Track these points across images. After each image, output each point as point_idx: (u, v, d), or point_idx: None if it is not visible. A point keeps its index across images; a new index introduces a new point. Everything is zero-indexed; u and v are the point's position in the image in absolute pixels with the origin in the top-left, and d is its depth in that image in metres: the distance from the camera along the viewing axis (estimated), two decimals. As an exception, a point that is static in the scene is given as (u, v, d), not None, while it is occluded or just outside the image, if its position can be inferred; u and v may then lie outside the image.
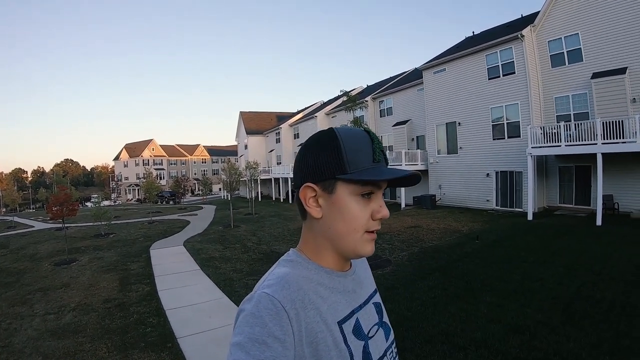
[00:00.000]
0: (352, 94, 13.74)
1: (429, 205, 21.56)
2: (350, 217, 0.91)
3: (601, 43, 15.65)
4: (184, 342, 6.10)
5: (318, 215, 0.93)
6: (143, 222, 24.32)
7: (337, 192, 0.91)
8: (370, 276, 1.17)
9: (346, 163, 0.89)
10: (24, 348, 6.37)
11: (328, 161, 0.91)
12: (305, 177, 0.94)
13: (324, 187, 0.92)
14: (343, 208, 0.91)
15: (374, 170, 0.92)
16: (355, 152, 0.91)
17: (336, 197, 0.91)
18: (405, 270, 9.49)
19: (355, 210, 0.91)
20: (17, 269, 12.61)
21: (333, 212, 0.92)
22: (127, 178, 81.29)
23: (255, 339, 0.75)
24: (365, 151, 0.92)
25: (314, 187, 0.92)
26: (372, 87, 35.46)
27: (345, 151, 0.90)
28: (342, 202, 0.91)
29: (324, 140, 0.94)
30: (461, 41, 25.74)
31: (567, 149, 14.94)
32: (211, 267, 10.98)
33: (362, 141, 0.94)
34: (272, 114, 53.12)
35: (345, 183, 0.90)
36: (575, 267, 8.47)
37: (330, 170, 0.90)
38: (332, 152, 0.91)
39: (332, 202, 0.91)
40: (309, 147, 0.96)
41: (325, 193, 0.92)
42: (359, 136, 0.94)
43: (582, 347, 4.84)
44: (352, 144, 0.92)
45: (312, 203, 0.93)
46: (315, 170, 0.92)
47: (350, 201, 0.91)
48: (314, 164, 0.93)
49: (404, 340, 5.51)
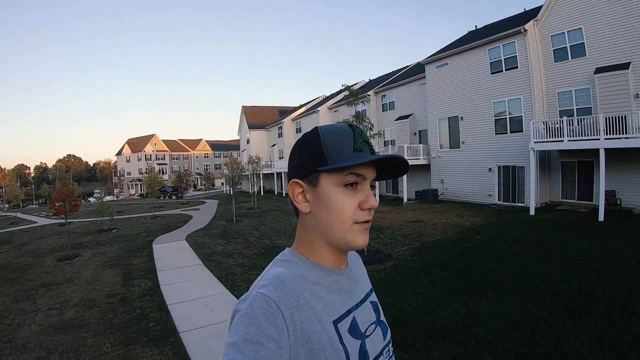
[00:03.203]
0: (354, 88, 13.67)
1: (431, 200, 21.56)
2: (335, 208, 0.92)
3: (604, 38, 15.54)
4: (186, 337, 6.14)
5: (306, 210, 0.95)
6: (145, 217, 24.36)
7: (320, 185, 0.93)
8: (365, 275, 1.17)
9: (327, 155, 0.92)
10: (27, 343, 6.42)
11: (310, 156, 0.94)
12: (292, 174, 0.98)
13: (309, 182, 0.94)
14: (328, 200, 0.92)
15: (354, 157, 0.93)
16: (336, 144, 0.93)
17: (321, 190, 0.93)
18: (407, 264, 9.51)
19: (339, 201, 0.92)
20: (20, 264, 12.67)
21: (319, 205, 0.93)
22: (129, 173, 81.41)
23: (250, 338, 0.76)
24: (346, 143, 0.94)
25: (300, 182, 0.95)
26: (374, 81, 35.33)
27: (326, 145, 0.93)
28: (327, 194, 0.92)
29: (307, 138, 0.97)
30: (464, 35, 25.61)
31: (570, 144, 14.89)
32: (213, 262, 11.01)
33: (343, 134, 0.96)
34: (274, 109, 52.97)
35: (328, 174, 0.92)
36: (576, 262, 8.47)
37: (312, 164, 0.93)
38: (313, 147, 0.94)
39: (317, 196, 0.93)
40: (296, 147, 1.00)
41: (311, 187, 0.94)
42: (341, 130, 0.97)
43: (582, 343, 4.85)
44: (332, 137, 0.94)
45: (301, 199, 0.96)
46: (300, 166, 0.96)
47: (335, 192, 0.92)
48: (298, 161, 0.97)
49: (405, 334, 5.54)
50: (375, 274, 8.89)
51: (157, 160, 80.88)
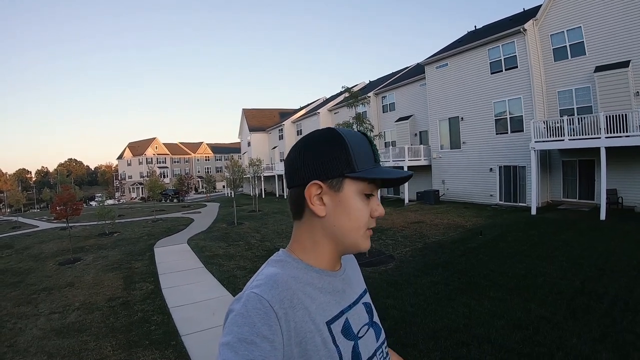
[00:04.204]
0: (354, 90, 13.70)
1: (432, 201, 21.55)
2: (355, 215, 0.92)
3: (604, 36, 15.53)
4: (188, 340, 6.14)
5: (323, 213, 0.93)
6: (147, 220, 24.38)
7: (344, 190, 0.92)
8: (359, 276, 1.16)
9: (354, 162, 0.91)
10: (29, 347, 6.42)
11: (336, 159, 0.91)
12: (309, 175, 0.93)
13: (331, 185, 0.92)
14: (350, 206, 0.92)
15: (378, 170, 0.95)
16: (360, 152, 0.93)
17: (343, 195, 0.92)
18: (409, 266, 9.50)
19: (361, 208, 0.93)
20: (22, 268, 12.68)
21: (339, 209, 0.92)
22: (130, 177, 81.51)
23: (244, 338, 0.75)
24: (367, 152, 0.95)
25: (320, 184, 0.92)
26: (374, 83, 35.36)
27: (353, 151, 0.92)
28: (350, 200, 0.92)
29: (328, 138, 0.94)
30: (463, 35, 25.62)
31: (571, 143, 14.88)
32: (215, 265, 11.02)
33: (363, 142, 0.96)
34: (275, 111, 53.00)
35: (353, 181, 0.92)
36: (578, 262, 8.46)
37: (339, 168, 0.91)
38: (340, 150, 0.92)
39: (338, 200, 0.92)
40: (309, 145, 0.95)
41: (332, 191, 0.92)
42: (360, 137, 0.97)
43: (585, 343, 4.84)
44: (356, 144, 0.94)
45: (317, 201, 0.93)
46: (322, 168, 0.92)
47: (357, 199, 0.93)
48: (319, 161, 0.92)
49: (407, 336, 5.53)
50: (377, 275, 8.89)
51: (158, 164, 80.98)
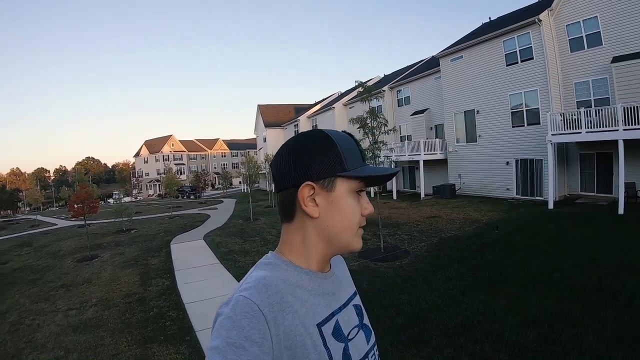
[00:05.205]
0: (368, 84, 13.58)
1: (448, 195, 21.40)
2: (348, 215, 0.93)
3: (621, 26, 15.16)
4: (203, 335, 6.26)
5: (316, 214, 0.93)
6: (164, 217, 24.69)
7: (336, 190, 0.93)
8: (349, 278, 1.15)
9: (344, 161, 0.92)
10: (46, 343, 6.61)
11: (327, 159, 0.92)
12: (300, 177, 0.93)
13: (324, 186, 0.92)
14: (342, 206, 0.93)
15: (368, 168, 0.97)
16: (349, 151, 0.95)
17: (336, 195, 0.93)
18: (424, 261, 9.50)
19: (353, 207, 0.94)
20: (40, 266, 12.98)
21: (331, 210, 0.93)
22: (147, 174, 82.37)
23: (232, 342, 0.75)
24: (355, 152, 0.97)
25: (313, 185, 0.92)
26: (389, 77, 35.12)
27: (343, 151, 0.93)
28: (342, 200, 0.93)
29: (317, 140, 0.95)
30: (478, 27, 25.28)
31: (588, 135, 14.61)
32: (230, 261, 11.13)
33: (350, 142, 0.98)
34: (290, 106, 52.93)
35: (344, 180, 0.93)
36: (596, 257, 8.35)
37: (331, 168, 0.92)
38: (330, 151, 0.93)
39: (331, 200, 0.92)
40: (298, 148, 0.96)
41: (324, 191, 0.93)
42: (347, 138, 0.99)
43: (601, 341, 4.81)
44: (344, 144, 0.95)
45: (310, 202, 0.93)
46: (314, 169, 0.92)
47: (349, 198, 0.94)
48: (311, 163, 0.93)
49: (421, 332, 5.55)
50: (392, 270, 8.90)
51: (175, 161, 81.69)
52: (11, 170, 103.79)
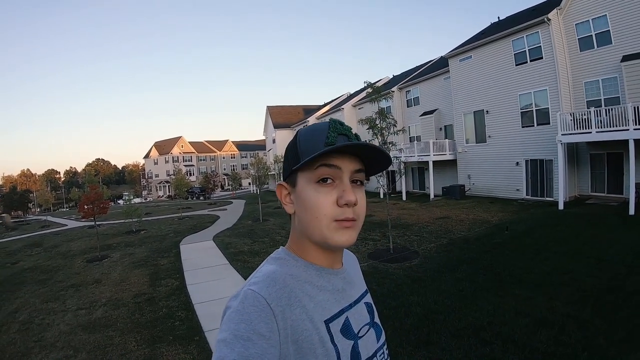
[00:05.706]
0: (377, 84, 13.62)
1: (457, 196, 21.34)
2: (309, 206, 0.92)
3: (630, 24, 15.01)
4: (211, 336, 6.32)
5: (291, 211, 0.99)
6: (173, 218, 24.87)
7: (298, 184, 0.95)
8: (360, 276, 1.18)
9: (300, 154, 0.94)
10: (56, 342, 6.72)
11: (291, 156, 0.98)
12: (282, 178, 1.03)
13: (290, 182, 0.98)
14: (304, 198, 0.94)
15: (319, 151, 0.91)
16: (309, 142, 0.94)
17: (298, 189, 0.95)
18: (433, 262, 9.49)
19: (312, 198, 0.92)
20: (50, 266, 13.15)
21: (299, 204, 0.96)
22: (157, 175, 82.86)
23: (240, 335, 0.76)
24: (320, 138, 0.94)
25: (284, 184, 1.00)
26: (398, 77, 35.06)
27: (300, 144, 0.96)
28: (303, 192, 0.94)
29: (289, 142, 1.02)
30: (486, 27, 25.15)
31: (598, 135, 14.50)
32: (240, 261, 11.19)
33: (319, 131, 0.96)
34: (299, 107, 53.00)
35: (302, 172, 0.94)
36: (606, 258, 8.31)
37: (290, 164, 0.97)
38: (291, 149, 0.99)
39: (297, 195, 0.96)
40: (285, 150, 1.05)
41: (292, 188, 0.98)
42: (318, 128, 0.97)
43: (611, 343, 4.80)
44: (306, 136, 0.97)
45: (287, 200, 1.00)
46: (283, 169, 1.02)
47: (309, 189, 0.93)
48: (285, 164, 1.01)
49: (430, 334, 5.56)
50: (401, 271, 8.91)
51: (184, 162, 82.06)
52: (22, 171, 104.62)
